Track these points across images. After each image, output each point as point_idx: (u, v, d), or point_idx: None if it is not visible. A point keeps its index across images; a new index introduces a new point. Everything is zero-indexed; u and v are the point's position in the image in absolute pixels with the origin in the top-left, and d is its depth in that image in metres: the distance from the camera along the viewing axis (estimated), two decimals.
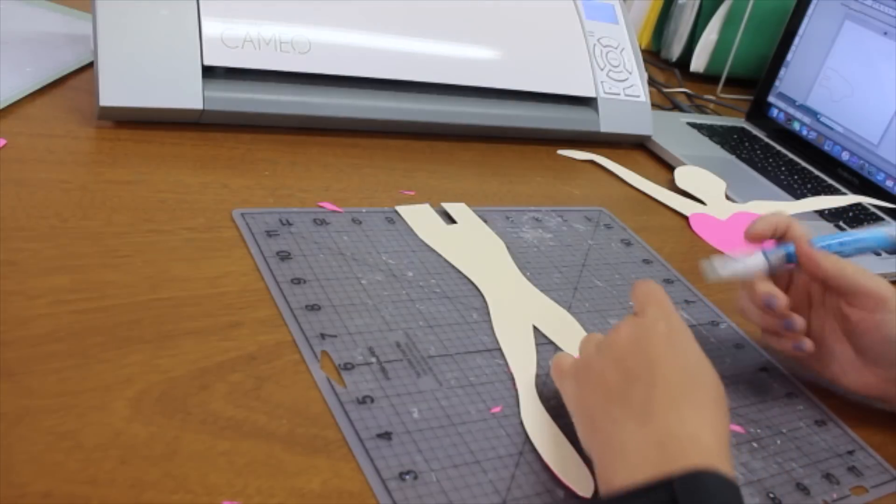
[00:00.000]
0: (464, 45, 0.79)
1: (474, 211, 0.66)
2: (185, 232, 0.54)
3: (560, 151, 0.85)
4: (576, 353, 0.54)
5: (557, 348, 0.54)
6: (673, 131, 0.97)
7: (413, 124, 0.76)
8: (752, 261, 0.54)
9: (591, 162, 0.85)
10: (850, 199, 0.92)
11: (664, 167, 0.89)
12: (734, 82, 1.23)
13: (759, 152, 1.01)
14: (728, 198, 0.85)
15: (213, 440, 0.40)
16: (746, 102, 1.15)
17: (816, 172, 1.00)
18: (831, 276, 0.53)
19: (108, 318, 0.45)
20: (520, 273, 0.61)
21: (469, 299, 0.56)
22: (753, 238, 0.55)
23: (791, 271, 0.56)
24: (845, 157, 0.99)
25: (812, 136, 1.04)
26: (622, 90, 0.88)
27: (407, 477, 0.41)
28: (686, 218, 0.79)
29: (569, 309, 0.59)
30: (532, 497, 0.42)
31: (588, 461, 0.45)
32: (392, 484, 0.40)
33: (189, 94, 0.65)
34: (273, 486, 0.39)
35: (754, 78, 1.16)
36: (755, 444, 0.51)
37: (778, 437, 0.53)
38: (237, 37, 0.67)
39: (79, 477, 0.36)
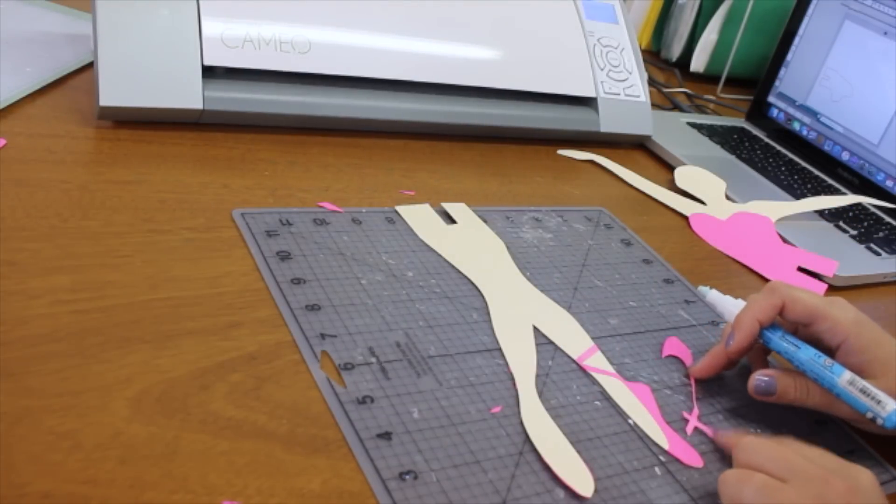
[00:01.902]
0: (464, 45, 0.79)
1: (474, 211, 0.66)
2: (185, 232, 0.54)
3: (560, 151, 0.85)
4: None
5: (557, 348, 0.54)
6: (673, 131, 0.97)
7: (413, 124, 0.76)
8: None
9: (591, 162, 0.85)
10: (850, 199, 0.92)
11: (664, 167, 0.89)
12: (734, 82, 1.23)
13: (759, 152, 1.01)
14: (728, 198, 0.85)
15: (213, 440, 0.40)
16: (746, 102, 1.15)
17: (816, 172, 1.00)
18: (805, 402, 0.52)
19: (108, 318, 0.45)
20: (520, 273, 0.61)
21: (469, 299, 0.56)
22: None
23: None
24: (845, 157, 0.99)
25: (812, 136, 1.04)
26: (622, 90, 0.88)
27: (407, 477, 0.41)
28: (686, 218, 0.79)
29: (569, 309, 0.59)
30: (532, 497, 0.42)
31: (588, 461, 0.45)
32: (392, 484, 0.40)
33: (189, 94, 0.65)
34: (273, 486, 0.39)
35: (754, 78, 1.16)
36: None
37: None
38: (237, 37, 0.67)
39: (79, 477, 0.36)
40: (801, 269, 0.75)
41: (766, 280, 0.72)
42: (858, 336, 0.51)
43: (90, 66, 0.72)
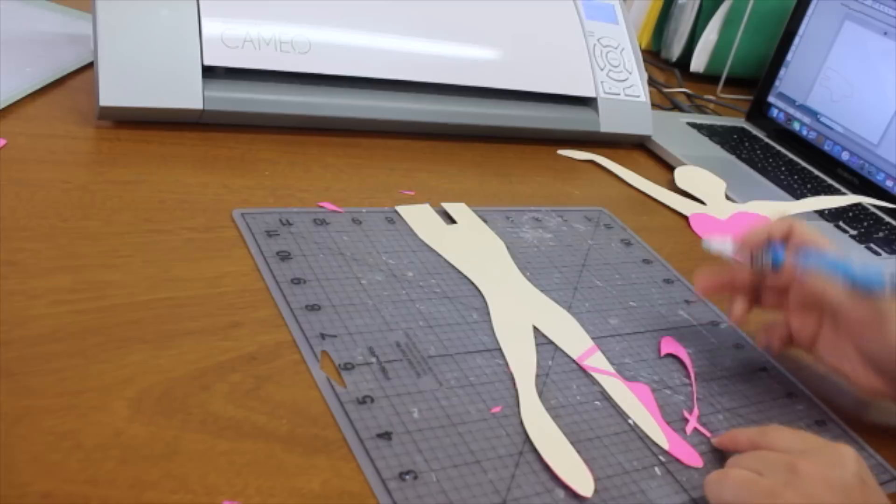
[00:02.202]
0: (464, 45, 0.79)
1: (474, 211, 0.66)
2: (185, 232, 0.54)
3: (560, 151, 0.85)
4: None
5: (557, 348, 0.54)
6: (673, 131, 0.97)
7: (413, 124, 0.76)
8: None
9: (591, 162, 0.85)
10: (850, 199, 0.92)
11: (664, 167, 0.89)
12: (734, 82, 1.23)
13: (759, 152, 1.01)
14: (728, 198, 0.85)
15: (213, 440, 0.40)
16: (746, 102, 1.15)
17: (816, 172, 1.00)
18: (813, 296, 0.54)
19: (108, 318, 0.45)
20: (520, 273, 0.61)
21: (469, 299, 0.56)
22: (745, 247, 0.55)
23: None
24: (845, 157, 0.99)
25: (812, 136, 1.04)
26: (622, 90, 0.88)
27: (407, 477, 0.41)
28: (686, 218, 0.79)
29: (569, 309, 0.59)
30: (532, 497, 0.42)
31: (588, 461, 0.45)
32: (392, 484, 0.40)
33: (189, 94, 0.65)
34: (273, 486, 0.39)
35: (754, 78, 1.16)
36: None
37: None
38: (237, 37, 0.67)
39: (79, 477, 0.36)
40: None
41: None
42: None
43: (90, 66, 0.72)
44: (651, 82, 1.11)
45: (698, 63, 1.24)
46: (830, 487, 0.41)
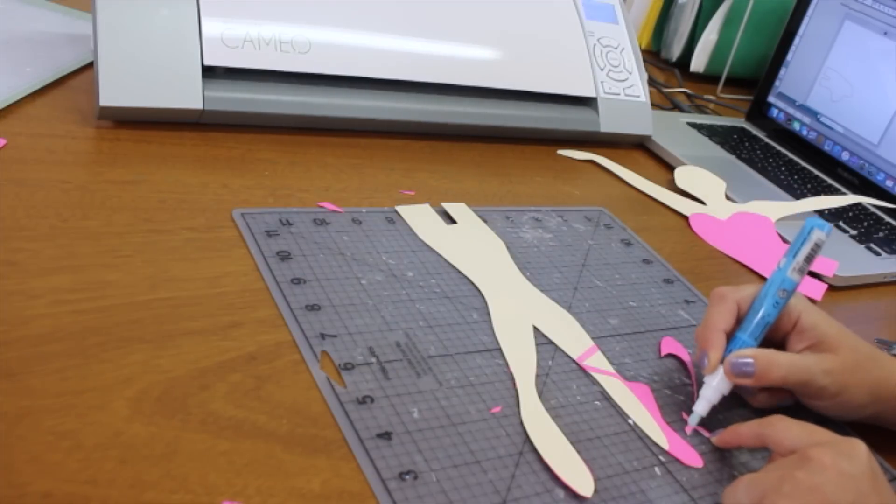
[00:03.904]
0: (464, 45, 0.79)
1: (474, 211, 0.66)
2: (185, 232, 0.54)
3: (560, 151, 0.85)
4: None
5: (557, 348, 0.54)
6: (673, 131, 0.97)
7: (413, 124, 0.77)
8: (715, 386, 0.51)
9: (591, 162, 0.85)
10: (850, 199, 0.92)
11: (664, 167, 0.89)
12: (734, 82, 1.23)
13: (759, 152, 1.01)
14: (728, 198, 0.85)
15: (213, 440, 0.40)
16: (746, 102, 1.15)
17: (816, 172, 1.00)
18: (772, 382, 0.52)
19: (108, 318, 0.45)
20: (520, 273, 0.61)
21: (469, 299, 0.56)
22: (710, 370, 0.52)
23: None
24: (845, 157, 0.99)
25: (812, 136, 1.04)
26: (622, 90, 0.88)
27: (407, 477, 0.41)
28: (686, 218, 0.79)
29: (569, 309, 0.59)
30: (532, 497, 0.42)
31: (588, 461, 0.45)
32: (392, 484, 0.40)
33: (189, 94, 0.65)
34: (273, 486, 0.39)
35: (754, 78, 1.16)
36: None
37: None
38: (237, 37, 0.67)
39: (79, 477, 0.36)
40: None
41: (766, 280, 0.71)
42: (808, 313, 0.53)
43: (90, 66, 0.72)
44: (651, 82, 1.11)
45: (698, 63, 1.24)
46: (842, 477, 0.41)
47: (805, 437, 0.44)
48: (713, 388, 0.51)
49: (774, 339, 0.54)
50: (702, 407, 0.51)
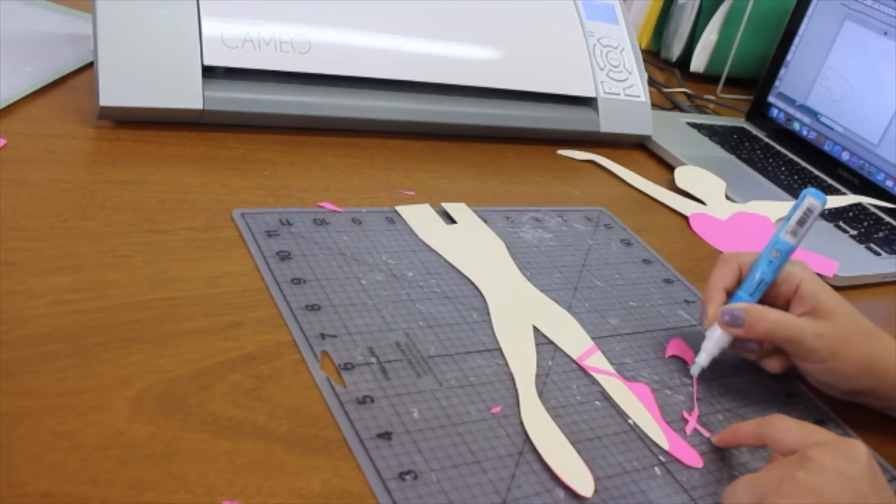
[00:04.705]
0: (464, 45, 0.79)
1: (474, 211, 0.66)
2: (185, 232, 0.54)
3: (560, 151, 0.85)
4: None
5: (557, 348, 0.54)
6: (673, 131, 0.97)
7: (413, 124, 0.76)
8: (716, 339, 0.55)
9: (591, 162, 0.85)
10: (850, 199, 0.92)
11: (664, 167, 0.89)
12: (734, 82, 1.23)
13: (759, 152, 1.01)
14: (728, 198, 0.85)
15: (213, 440, 0.40)
16: (746, 102, 1.15)
17: (816, 172, 1.00)
18: (767, 337, 0.54)
19: (108, 318, 0.45)
20: (520, 273, 0.61)
21: (469, 299, 0.56)
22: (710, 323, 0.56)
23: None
24: (845, 157, 0.99)
25: (812, 136, 1.04)
26: (622, 90, 0.88)
27: (407, 477, 0.41)
28: (686, 218, 0.79)
29: (569, 309, 0.59)
30: (532, 497, 0.42)
31: (588, 461, 0.45)
32: (392, 484, 0.40)
33: (189, 94, 0.65)
34: (273, 486, 0.39)
35: (754, 78, 1.16)
36: None
37: None
38: (237, 37, 0.67)
39: (79, 477, 0.36)
40: None
41: None
42: (809, 282, 0.55)
43: (90, 66, 0.72)
44: (651, 82, 1.11)
45: (698, 63, 1.24)
46: (841, 477, 0.41)
47: (805, 436, 0.45)
48: (714, 341, 0.55)
49: (777, 304, 0.56)
50: (703, 358, 0.55)
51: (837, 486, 0.41)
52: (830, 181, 0.98)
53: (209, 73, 0.66)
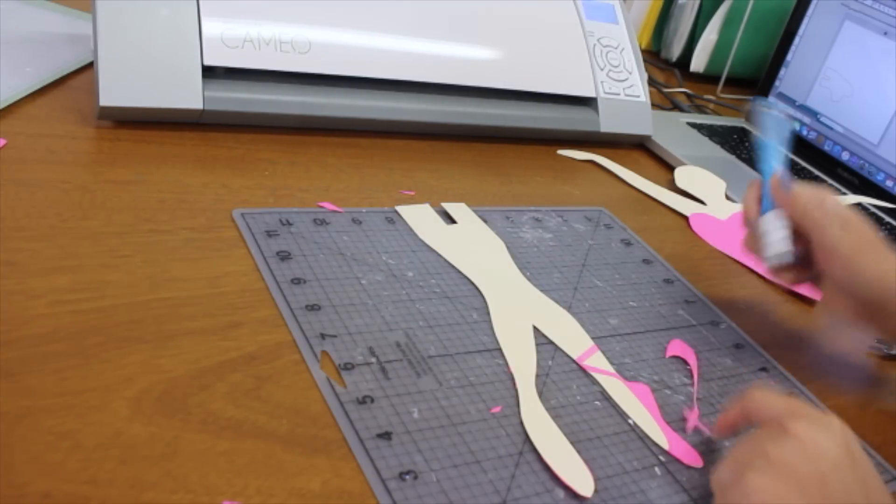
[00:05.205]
0: (464, 45, 0.79)
1: (474, 211, 0.66)
2: (185, 232, 0.54)
3: (560, 151, 0.85)
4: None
5: (557, 348, 0.54)
6: (673, 131, 0.97)
7: (413, 124, 0.76)
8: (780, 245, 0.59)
9: (591, 162, 0.85)
10: (850, 199, 0.92)
11: (664, 167, 0.89)
12: (734, 82, 1.23)
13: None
14: (728, 198, 0.85)
15: (213, 440, 0.40)
16: (746, 102, 1.15)
17: (816, 172, 1.00)
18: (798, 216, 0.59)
19: (108, 318, 0.45)
20: (520, 273, 0.61)
21: (469, 299, 0.56)
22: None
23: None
24: (845, 157, 0.99)
25: (812, 136, 1.04)
26: (622, 90, 0.88)
27: (407, 477, 0.41)
28: (686, 218, 0.79)
29: (569, 309, 0.59)
30: (532, 497, 0.42)
31: (588, 461, 0.45)
32: (392, 484, 0.40)
33: (189, 94, 0.65)
34: (273, 486, 0.39)
35: (754, 78, 1.16)
36: None
37: None
38: (237, 37, 0.67)
39: (79, 477, 0.36)
40: None
41: (766, 280, 0.72)
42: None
43: (90, 66, 0.72)
44: (651, 82, 1.11)
45: (698, 63, 1.24)
46: (816, 448, 0.41)
47: (783, 407, 0.45)
48: (775, 223, 0.59)
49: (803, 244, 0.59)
50: (782, 244, 0.58)
51: (809, 458, 0.41)
52: (830, 181, 0.98)
53: (209, 73, 0.66)
